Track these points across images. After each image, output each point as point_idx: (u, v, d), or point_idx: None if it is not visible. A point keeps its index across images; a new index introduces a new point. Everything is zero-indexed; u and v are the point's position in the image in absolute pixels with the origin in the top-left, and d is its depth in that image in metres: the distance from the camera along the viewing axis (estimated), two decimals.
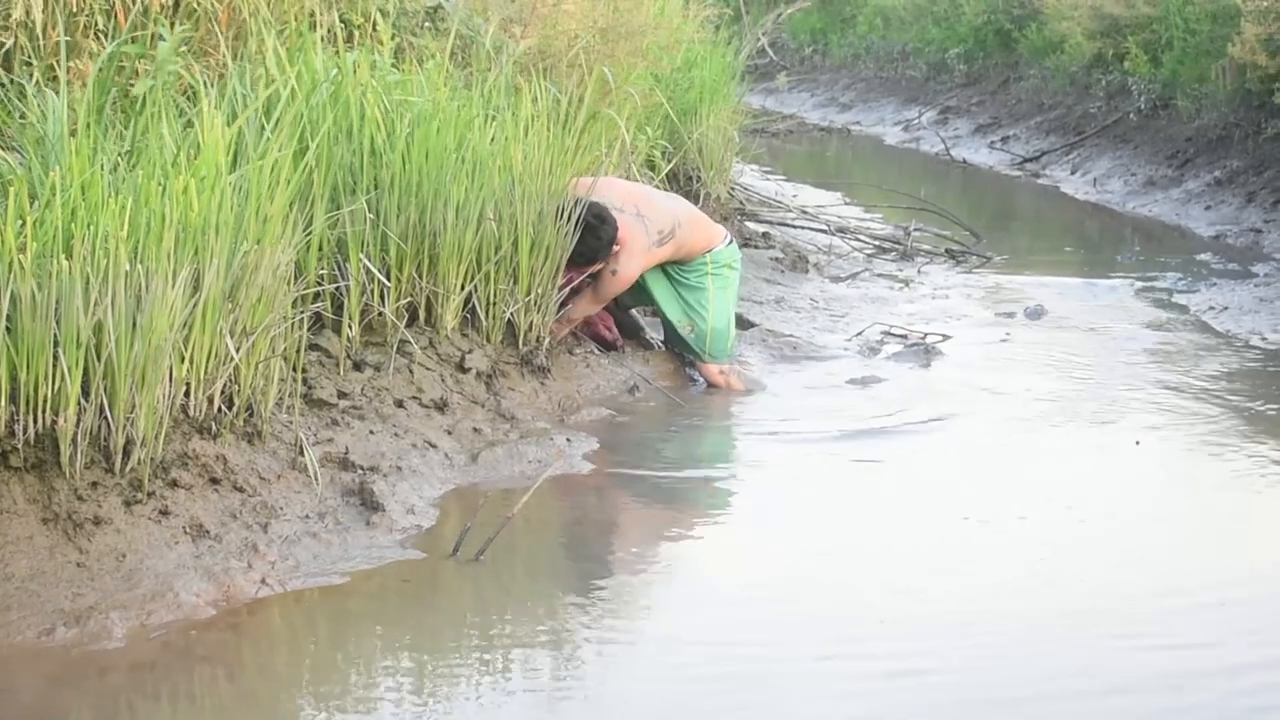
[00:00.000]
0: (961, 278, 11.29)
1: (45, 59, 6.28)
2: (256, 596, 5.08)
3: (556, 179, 7.29)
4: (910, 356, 8.79)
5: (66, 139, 5.29)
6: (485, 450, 6.49)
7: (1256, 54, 13.68)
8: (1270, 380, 8.46)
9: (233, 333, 5.57)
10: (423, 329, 7.00)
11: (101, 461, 5.17)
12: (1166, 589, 5.55)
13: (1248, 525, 6.32)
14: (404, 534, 5.68)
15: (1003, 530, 6.09)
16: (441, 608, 5.25)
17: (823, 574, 5.63)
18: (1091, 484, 6.67)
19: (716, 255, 7.99)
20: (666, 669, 4.84)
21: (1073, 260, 12.57)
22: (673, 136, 10.46)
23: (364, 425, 6.26)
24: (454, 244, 6.96)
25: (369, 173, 6.80)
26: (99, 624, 4.74)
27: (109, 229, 5.03)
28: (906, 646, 5.02)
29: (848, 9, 26.28)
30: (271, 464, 5.69)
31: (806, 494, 6.50)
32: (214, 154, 5.48)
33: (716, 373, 8.02)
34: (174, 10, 6.72)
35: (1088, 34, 17.63)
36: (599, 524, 6.22)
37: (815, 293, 10.40)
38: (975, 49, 21.60)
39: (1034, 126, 18.68)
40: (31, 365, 4.96)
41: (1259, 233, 12.89)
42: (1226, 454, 7.10)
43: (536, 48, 8.69)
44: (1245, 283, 10.95)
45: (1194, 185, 14.50)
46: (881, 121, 22.19)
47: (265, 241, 5.65)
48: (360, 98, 6.79)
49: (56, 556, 4.92)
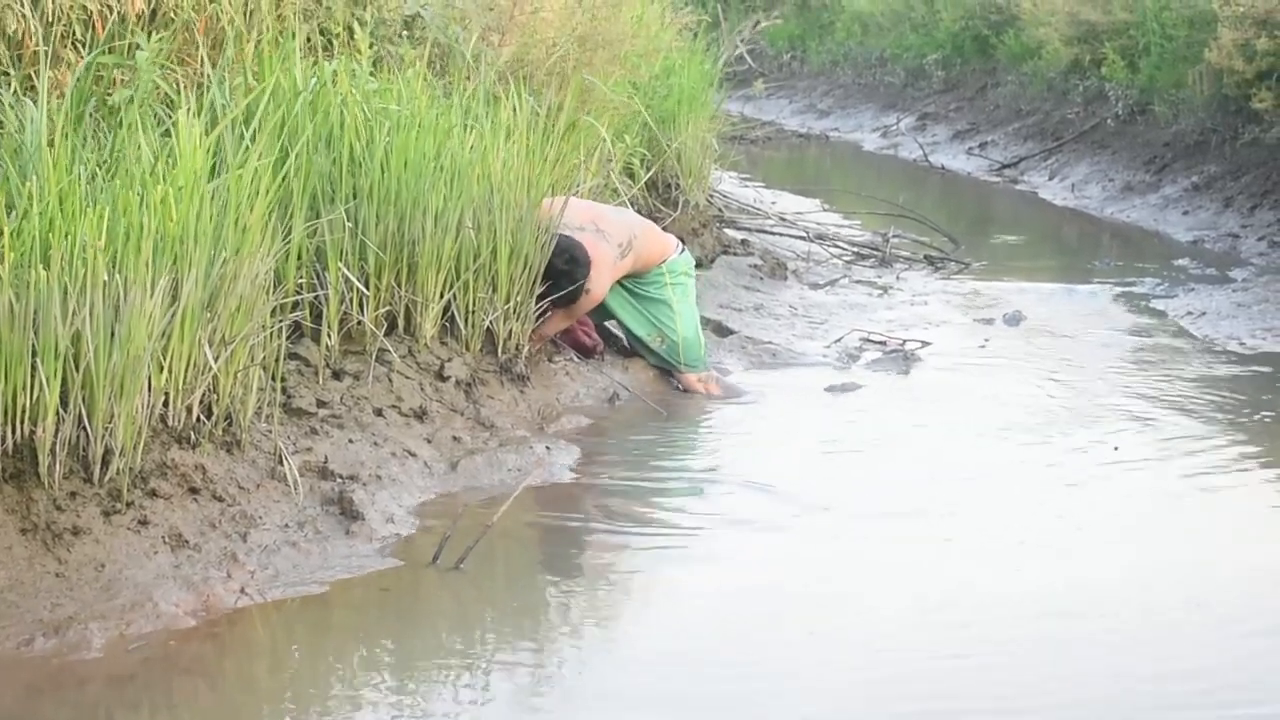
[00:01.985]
0: (940, 284, 11.30)
1: (23, 69, 6.27)
2: (236, 606, 5.07)
3: (535, 188, 7.30)
4: (889, 363, 8.81)
5: (44, 149, 5.28)
6: (465, 459, 6.49)
7: (1233, 59, 13.72)
8: (1248, 385, 8.48)
9: (211, 342, 5.56)
10: (402, 337, 7.00)
11: (80, 471, 5.16)
12: (1147, 594, 5.58)
13: (1222, 529, 6.35)
14: (383, 543, 5.68)
15: (981, 535, 6.11)
16: (421, 617, 5.25)
17: (804, 582, 5.64)
18: (1070, 489, 6.68)
19: (672, 265, 8.04)
20: (647, 678, 4.85)
21: (1051, 266, 12.58)
22: (651, 144, 10.46)
23: (343, 434, 6.25)
24: (433, 252, 6.96)
25: (348, 181, 6.80)
26: (78, 634, 4.73)
27: (87, 239, 5.03)
28: (886, 656, 5.03)
29: (825, 16, 26.29)
30: (250, 473, 5.68)
31: (787, 501, 6.50)
32: (192, 163, 5.47)
33: (696, 381, 8.04)
34: (151, 19, 6.71)
35: (1065, 40, 17.66)
36: (579, 532, 6.21)
37: (794, 299, 10.40)
38: (953, 55, 21.63)
39: (1012, 132, 18.71)
40: (9, 375, 4.95)
41: (1236, 238, 12.93)
42: (1205, 459, 7.11)
43: (515, 56, 8.69)
44: (1223, 288, 10.98)
45: (1172, 191, 14.54)
46: (860, 128, 22.21)
47: (244, 251, 5.65)
48: (339, 106, 6.79)
49: (35, 567, 4.92)
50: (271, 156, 5.97)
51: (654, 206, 10.38)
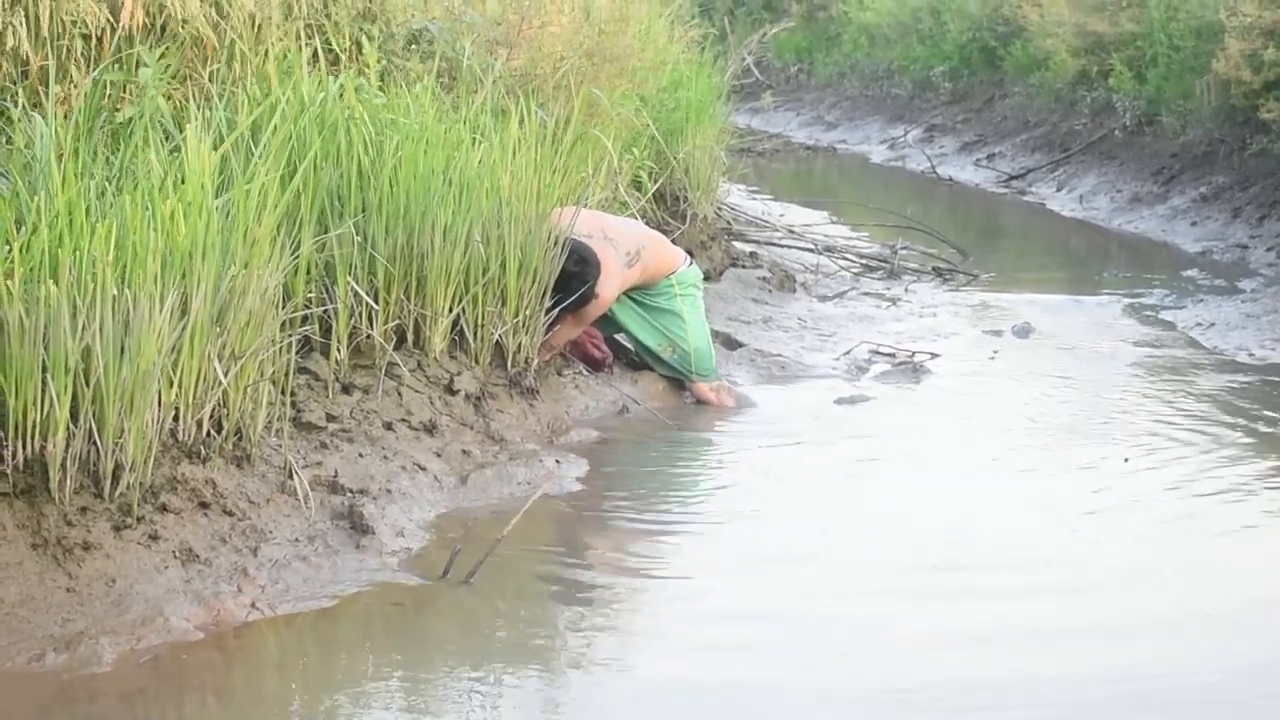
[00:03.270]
0: (949, 296, 11.30)
1: (30, 84, 6.28)
2: (246, 620, 5.07)
3: (544, 201, 7.31)
4: (898, 375, 8.80)
5: (53, 164, 5.28)
6: (474, 472, 6.49)
7: (1241, 70, 13.72)
8: (1258, 396, 8.47)
9: (221, 357, 5.56)
10: (411, 351, 7.00)
11: (90, 486, 5.16)
12: (1162, 603, 5.58)
13: (1235, 541, 6.33)
14: (394, 557, 5.67)
15: (994, 546, 6.10)
16: (432, 631, 5.24)
17: (816, 595, 5.63)
18: (1081, 501, 6.67)
19: (681, 277, 8.06)
20: (659, 692, 4.84)
21: (1060, 277, 12.58)
22: (659, 157, 10.47)
23: (353, 448, 6.25)
24: (442, 266, 6.97)
25: (356, 195, 6.80)
26: (89, 649, 4.73)
27: (96, 254, 5.03)
28: (898, 668, 5.03)
29: (832, 28, 26.32)
30: (261, 487, 5.68)
31: (797, 514, 6.49)
32: (200, 178, 5.48)
33: (708, 390, 8.06)
34: (160, 34, 6.72)
35: (1072, 51, 17.66)
36: (589, 546, 6.21)
37: (803, 312, 10.40)
38: (960, 67, 21.64)
39: (1020, 144, 18.71)
40: (20, 391, 4.95)
41: (1245, 248, 12.92)
42: (1216, 471, 7.10)
43: (522, 70, 8.70)
44: (1232, 298, 10.97)
45: (1180, 201, 14.53)
46: (867, 140, 22.22)
47: (253, 265, 5.65)
48: (347, 120, 6.80)
49: (46, 582, 4.91)
50: (280, 171, 5.97)
51: (662, 219, 10.38)
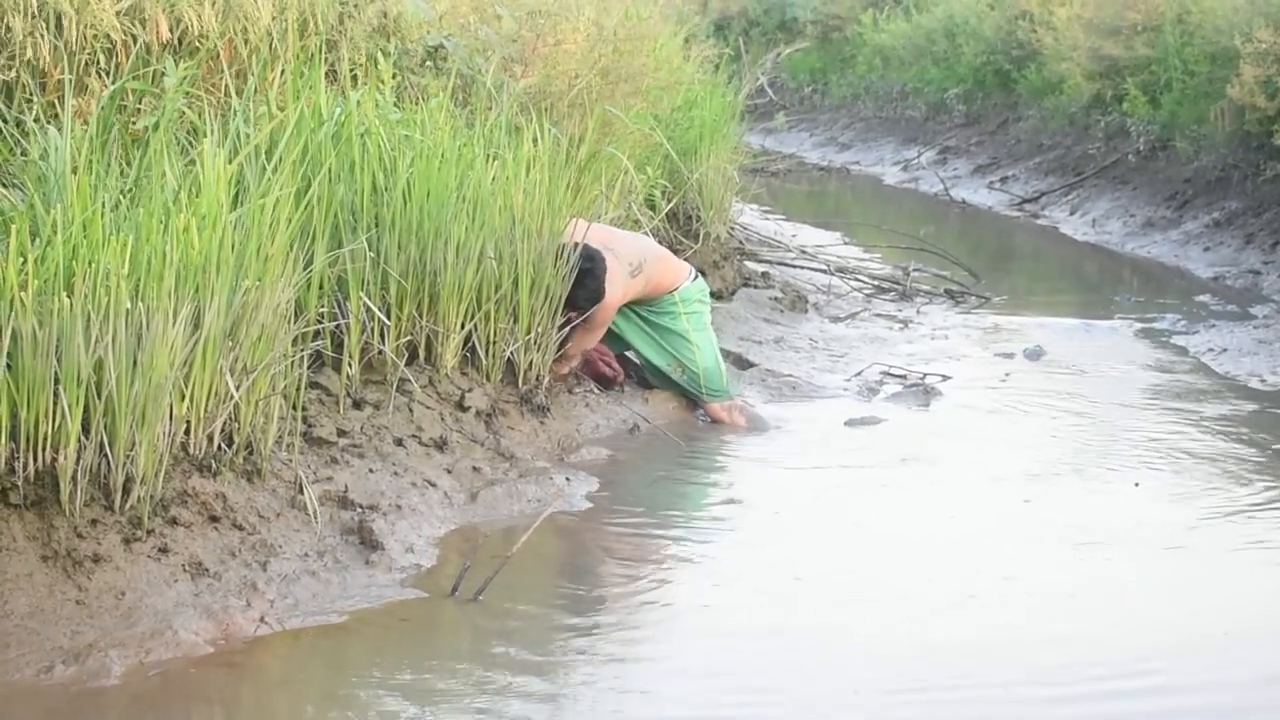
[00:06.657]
0: (960, 318, 11.29)
1: (47, 95, 6.30)
2: (255, 635, 5.07)
3: (557, 218, 7.31)
4: (909, 397, 8.79)
5: (68, 176, 5.29)
6: (485, 489, 6.49)
7: (1255, 96, 13.71)
8: (1271, 422, 8.45)
9: (233, 371, 5.57)
10: (422, 367, 7.00)
11: (101, 499, 5.16)
12: (1175, 624, 5.57)
13: (1248, 562, 6.32)
14: (403, 573, 5.67)
15: (1004, 571, 6.09)
16: (440, 647, 5.24)
17: (824, 614, 5.62)
18: (1090, 523, 6.66)
19: (685, 293, 8.04)
20: (669, 710, 4.83)
21: (1072, 301, 12.57)
22: (673, 176, 10.48)
23: (363, 464, 6.25)
24: (454, 283, 6.97)
25: (370, 211, 6.81)
26: (98, 662, 4.73)
27: (110, 267, 5.04)
28: (904, 683, 5.02)
29: (847, 49, 26.31)
30: (271, 502, 5.69)
31: (806, 534, 6.49)
32: (215, 192, 5.48)
33: (721, 410, 8.04)
34: (178, 47, 6.73)
35: (1086, 75, 17.65)
36: (598, 564, 6.21)
37: (814, 332, 10.40)
38: (974, 89, 21.63)
39: (1033, 167, 18.70)
40: (32, 403, 4.96)
41: (1258, 274, 12.90)
42: (1227, 496, 7.09)
43: (537, 87, 8.71)
44: (1244, 324, 10.96)
45: (1193, 227, 14.51)
46: (880, 161, 22.21)
47: (266, 280, 5.65)
48: (362, 136, 6.81)
49: (56, 594, 4.92)
50: (294, 186, 5.98)
51: (675, 238, 10.39)
